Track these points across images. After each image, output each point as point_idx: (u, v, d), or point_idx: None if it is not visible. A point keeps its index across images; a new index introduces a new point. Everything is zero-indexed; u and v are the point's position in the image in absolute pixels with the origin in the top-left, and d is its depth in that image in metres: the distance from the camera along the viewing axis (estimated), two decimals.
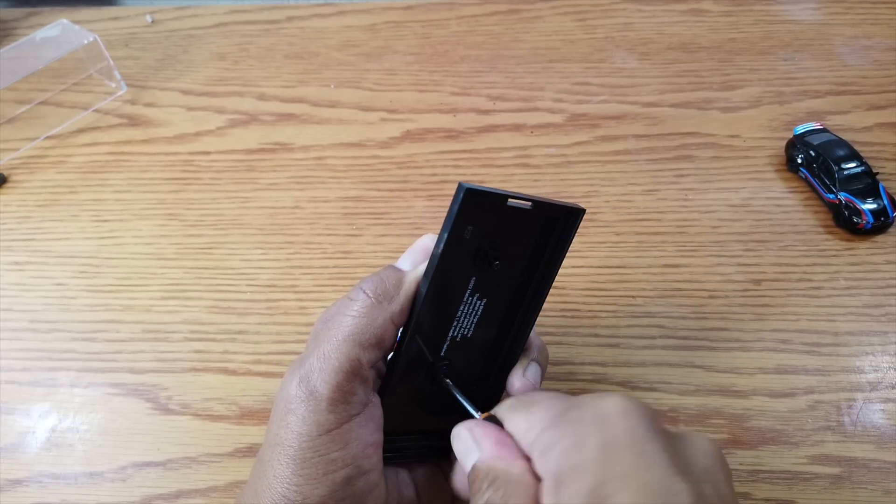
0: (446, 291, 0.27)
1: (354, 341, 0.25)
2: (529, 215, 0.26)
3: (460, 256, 0.26)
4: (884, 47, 0.58)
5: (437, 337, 0.27)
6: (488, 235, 0.26)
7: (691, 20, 0.62)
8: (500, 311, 0.28)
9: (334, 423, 0.24)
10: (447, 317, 0.27)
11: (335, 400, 0.24)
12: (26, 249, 0.48)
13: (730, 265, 0.44)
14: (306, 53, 0.62)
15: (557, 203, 0.27)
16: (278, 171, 0.52)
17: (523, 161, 0.51)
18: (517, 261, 0.27)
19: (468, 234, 0.26)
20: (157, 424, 0.38)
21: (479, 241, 0.26)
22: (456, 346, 0.28)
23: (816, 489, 0.34)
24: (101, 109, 0.58)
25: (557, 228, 0.27)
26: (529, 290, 0.28)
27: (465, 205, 0.24)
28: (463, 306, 0.27)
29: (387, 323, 0.25)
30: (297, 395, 0.25)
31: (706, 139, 0.51)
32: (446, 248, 0.25)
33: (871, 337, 0.40)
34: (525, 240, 0.27)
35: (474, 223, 0.25)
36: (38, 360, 0.42)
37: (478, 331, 0.28)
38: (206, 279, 0.45)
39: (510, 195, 0.26)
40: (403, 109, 0.56)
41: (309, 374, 0.25)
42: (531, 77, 0.58)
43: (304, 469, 0.24)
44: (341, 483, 0.24)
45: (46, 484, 0.36)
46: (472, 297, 0.27)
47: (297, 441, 0.24)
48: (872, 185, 0.44)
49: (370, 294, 0.26)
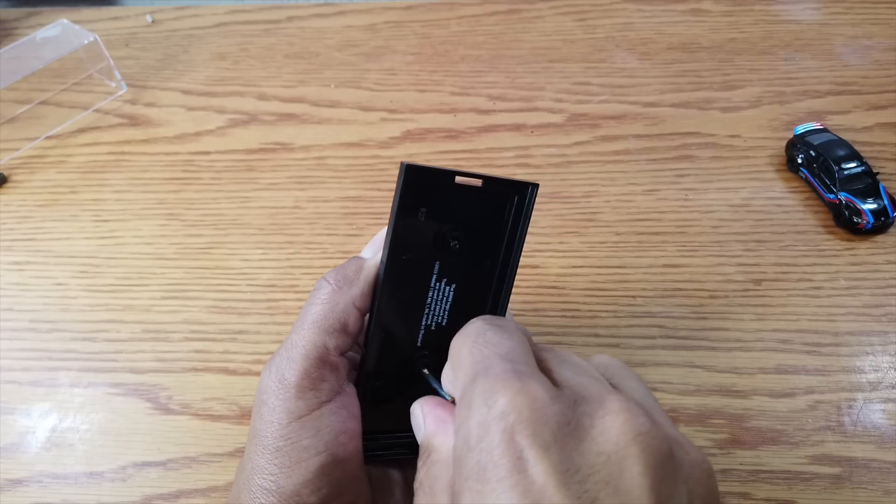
0: (410, 277, 0.27)
1: (319, 327, 0.25)
2: (483, 193, 0.26)
3: (418, 239, 0.26)
4: (884, 47, 0.58)
5: (409, 326, 0.27)
6: (444, 217, 0.26)
7: (691, 20, 0.62)
8: (472, 297, 0.28)
9: (304, 410, 0.24)
10: (417, 305, 0.27)
11: (304, 387, 0.25)
12: (26, 249, 0.48)
13: (730, 265, 0.44)
14: (306, 53, 0.62)
15: (509, 179, 0.27)
16: (278, 171, 0.52)
17: (523, 161, 0.51)
18: (479, 242, 0.27)
19: (423, 217, 0.26)
20: (158, 424, 0.38)
21: (435, 223, 0.26)
22: (432, 336, 0.28)
23: (816, 489, 0.34)
24: (102, 109, 0.58)
25: (515, 205, 0.27)
26: (497, 272, 0.28)
27: (408, 183, 0.25)
28: (431, 292, 0.27)
29: (349, 307, 0.26)
30: (268, 386, 0.25)
31: (706, 139, 0.51)
32: (396, 228, 0.25)
33: (871, 337, 0.40)
34: (483, 219, 0.27)
35: (426, 204, 0.26)
36: (39, 359, 0.42)
37: (453, 318, 0.28)
38: (206, 279, 0.45)
39: (458, 172, 0.26)
40: (404, 109, 0.56)
41: (279, 364, 0.25)
42: (531, 77, 0.58)
43: (277, 458, 0.24)
44: (316, 471, 0.24)
45: (47, 484, 0.37)
46: (440, 282, 0.27)
47: (269, 430, 0.24)
48: (873, 185, 0.44)
49: (332, 281, 0.26)
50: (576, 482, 0.17)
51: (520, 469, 0.18)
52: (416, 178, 0.25)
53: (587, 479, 0.18)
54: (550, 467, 0.17)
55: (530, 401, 0.19)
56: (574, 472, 0.18)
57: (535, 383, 0.19)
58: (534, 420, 0.18)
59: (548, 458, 0.18)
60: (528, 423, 0.18)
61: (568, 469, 0.18)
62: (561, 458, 0.18)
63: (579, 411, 0.19)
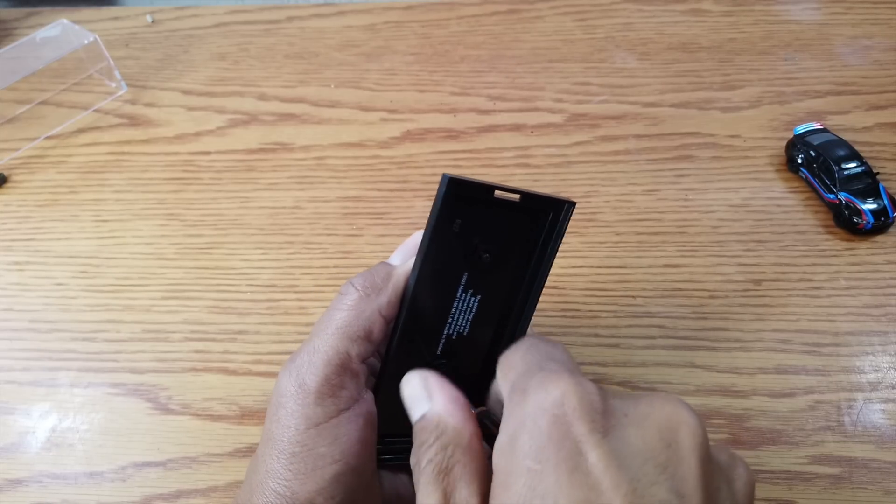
0: (438, 286, 0.26)
1: (343, 334, 0.25)
2: (519, 208, 0.26)
3: (450, 250, 0.26)
4: (884, 47, 0.58)
5: (431, 334, 0.27)
6: (478, 229, 0.26)
7: (691, 20, 0.62)
8: (496, 309, 0.28)
9: (322, 417, 0.24)
10: (441, 314, 0.27)
11: (323, 393, 0.24)
12: (26, 249, 0.48)
13: (730, 265, 0.44)
14: (306, 53, 0.62)
15: (547, 196, 0.26)
16: (278, 171, 0.52)
17: (523, 161, 0.51)
18: (509, 256, 0.27)
19: (457, 228, 0.26)
20: (157, 424, 0.38)
21: (468, 235, 0.26)
22: (453, 345, 0.28)
23: (816, 489, 0.34)
24: (102, 109, 0.58)
25: (549, 222, 0.27)
26: (523, 286, 0.28)
27: (448, 195, 0.24)
28: (457, 303, 0.27)
29: (375, 315, 0.25)
30: (287, 390, 0.25)
31: (706, 139, 0.51)
32: (432, 240, 0.25)
33: (871, 337, 0.40)
34: (516, 234, 0.27)
35: (462, 216, 0.25)
36: (39, 359, 0.42)
37: (474, 329, 0.28)
38: (206, 279, 0.45)
39: (497, 186, 0.26)
40: (403, 109, 0.56)
41: (299, 367, 0.25)
42: (531, 77, 0.58)
43: (293, 464, 0.24)
44: (331, 479, 0.24)
45: (46, 484, 0.37)
46: (466, 293, 0.27)
47: (286, 435, 0.24)
48: (872, 185, 0.44)
49: (359, 288, 0.26)
50: (635, 466, 0.18)
51: (580, 452, 0.18)
52: (457, 190, 0.25)
53: (645, 463, 0.18)
54: (609, 452, 0.18)
55: (587, 392, 0.19)
56: (632, 456, 0.18)
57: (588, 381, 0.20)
58: (592, 408, 0.19)
59: (606, 443, 0.18)
60: (588, 410, 0.19)
61: (626, 454, 0.18)
62: (619, 444, 0.19)
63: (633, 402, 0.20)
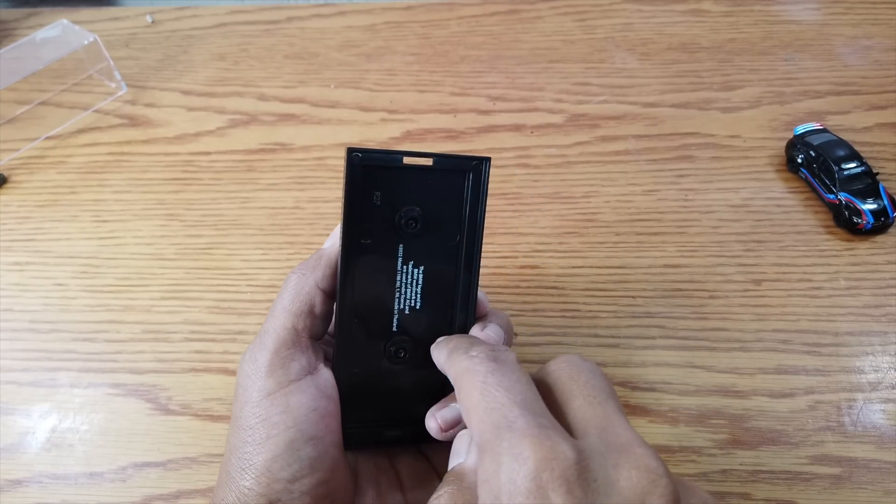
0: (375, 262, 0.27)
1: (287, 311, 0.27)
2: (436, 173, 0.27)
3: (377, 224, 0.27)
4: (884, 47, 0.58)
5: (382, 311, 0.28)
6: (400, 200, 0.27)
7: (691, 20, 0.62)
8: (442, 278, 0.28)
9: (274, 388, 0.26)
10: (387, 290, 0.27)
11: (274, 365, 0.26)
12: (26, 250, 0.48)
13: (730, 265, 0.44)
14: (306, 54, 0.62)
15: (459, 155, 0.27)
16: (278, 172, 0.52)
17: (523, 161, 0.51)
18: (440, 222, 0.27)
19: (377, 200, 0.26)
20: (158, 425, 0.38)
21: (392, 207, 0.26)
22: (408, 320, 0.28)
23: (816, 489, 0.34)
24: (102, 110, 0.58)
25: (471, 182, 0.27)
26: (463, 251, 0.28)
27: (354, 166, 0.25)
28: (400, 276, 0.27)
29: (313, 289, 0.27)
30: (242, 370, 0.27)
31: (706, 139, 0.52)
32: (350, 213, 0.26)
33: (871, 337, 0.40)
34: (440, 199, 0.27)
35: (380, 188, 0.26)
36: (39, 360, 0.42)
37: (426, 300, 0.28)
38: (206, 279, 0.45)
39: (406, 153, 0.26)
40: (403, 110, 0.56)
41: (253, 350, 0.27)
42: (531, 77, 0.58)
43: (249, 435, 0.25)
44: (285, 447, 0.25)
45: (46, 484, 0.37)
46: (407, 265, 0.27)
47: (243, 411, 0.26)
48: (872, 185, 0.44)
49: (296, 271, 0.28)
50: None
51: None
52: (363, 161, 0.26)
53: None
54: None
55: (560, 459, 0.19)
56: None
57: (561, 439, 0.20)
58: (566, 478, 0.19)
59: None
60: (561, 481, 0.19)
61: None
62: None
63: (604, 463, 0.20)
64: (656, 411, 0.37)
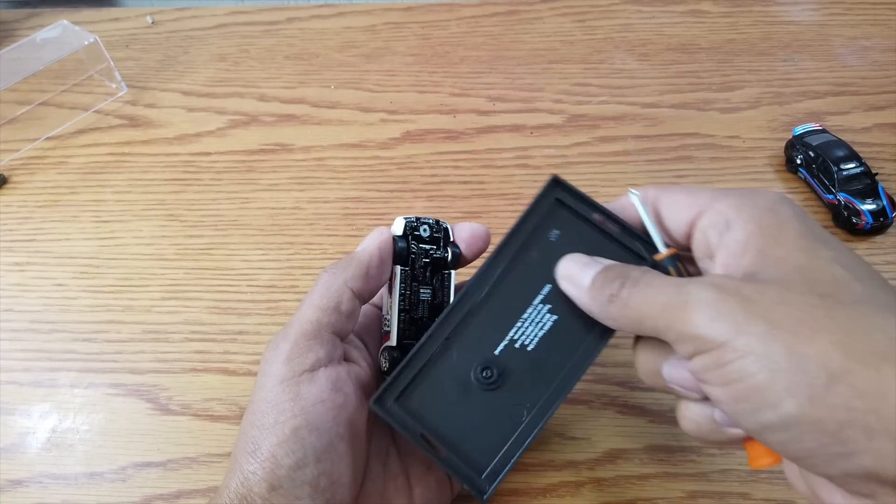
0: (517, 284, 0.27)
1: (314, 305, 0.28)
2: (615, 243, 0.27)
3: (542, 255, 0.26)
4: (883, 48, 0.58)
5: (495, 328, 0.27)
6: (574, 247, 0.26)
7: (690, 21, 0.62)
8: (568, 338, 0.27)
9: (287, 375, 0.26)
10: (511, 314, 0.27)
11: (292, 354, 0.27)
12: (27, 250, 0.48)
13: None
14: (306, 54, 0.62)
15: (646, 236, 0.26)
16: (279, 172, 0.52)
17: (523, 162, 0.51)
18: None
19: (554, 238, 0.26)
20: (158, 425, 0.38)
21: (564, 250, 0.26)
22: (513, 353, 0.27)
23: None
24: (102, 110, 0.58)
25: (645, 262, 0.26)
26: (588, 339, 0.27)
27: (547, 192, 0.26)
28: (530, 310, 0.27)
29: (342, 287, 0.28)
30: (265, 357, 0.28)
31: (705, 140, 0.52)
32: (520, 223, 0.26)
33: None
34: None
35: (561, 227, 0.26)
36: (39, 360, 0.42)
37: (540, 347, 0.27)
38: (206, 280, 0.45)
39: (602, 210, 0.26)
40: (403, 110, 0.56)
41: (277, 339, 0.28)
42: (531, 78, 0.58)
43: (258, 419, 0.26)
44: (290, 433, 0.25)
45: (47, 484, 0.37)
46: (543, 305, 0.27)
47: (257, 394, 0.27)
48: (871, 185, 0.44)
49: (328, 269, 0.29)
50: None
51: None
52: (558, 192, 0.26)
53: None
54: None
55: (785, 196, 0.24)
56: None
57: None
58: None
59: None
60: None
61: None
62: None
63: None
64: (656, 411, 0.37)
